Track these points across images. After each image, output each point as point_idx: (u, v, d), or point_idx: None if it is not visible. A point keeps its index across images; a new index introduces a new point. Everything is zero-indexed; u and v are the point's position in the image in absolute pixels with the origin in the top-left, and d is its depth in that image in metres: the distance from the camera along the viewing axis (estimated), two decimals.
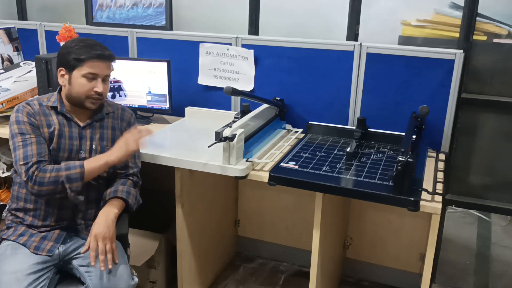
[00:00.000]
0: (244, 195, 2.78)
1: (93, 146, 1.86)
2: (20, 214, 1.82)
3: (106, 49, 1.81)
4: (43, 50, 3.03)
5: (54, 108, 1.83)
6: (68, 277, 1.80)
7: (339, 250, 2.49)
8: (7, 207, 1.89)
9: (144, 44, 2.77)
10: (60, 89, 1.87)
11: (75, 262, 1.77)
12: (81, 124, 1.85)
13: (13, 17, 3.36)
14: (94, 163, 1.76)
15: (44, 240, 1.77)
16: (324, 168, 1.94)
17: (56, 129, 1.80)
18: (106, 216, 1.75)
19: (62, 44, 1.81)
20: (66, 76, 1.80)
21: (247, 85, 2.57)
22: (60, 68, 1.81)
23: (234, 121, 2.15)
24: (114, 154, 1.78)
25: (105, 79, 1.82)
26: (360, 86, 2.35)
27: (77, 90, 1.78)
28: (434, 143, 2.26)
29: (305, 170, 1.93)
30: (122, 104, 2.09)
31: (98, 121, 1.89)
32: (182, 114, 2.68)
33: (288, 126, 2.50)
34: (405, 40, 2.65)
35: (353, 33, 2.41)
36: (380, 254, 2.56)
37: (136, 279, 1.78)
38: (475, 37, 2.14)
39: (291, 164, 1.98)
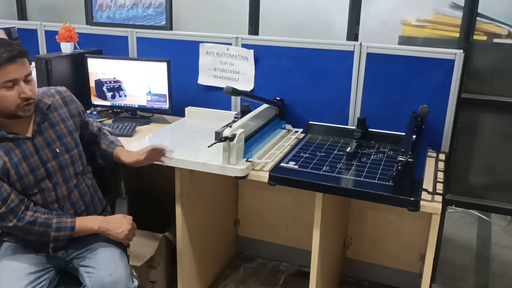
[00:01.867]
0: (244, 195, 2.78)
1: (57, 150, 1.71)
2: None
3: (13, 46, 1.54)
4: (43, 50, 3.03)
5: None
6: (67, 278, 1.79)
7: (339, 250, 2.49)
8: None
9: (144, 44, 2.77)
10: None
11: (76, 262, 1.76)
12: (29, 135, 1.65)
13: (13, 17, 3.36)
14: (85, 227, 1.72)
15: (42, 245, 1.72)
16: (324, 168, 1.94)
17: (7, 161, 1.59)
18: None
19: None
20: None
21: (247, 85, 2.57)
22: None
23: (234, 121, 2.15)
24: (109, 225, 1.76)
25: (27, 79, 1.58)
26: (360, 86, 2.35)
27: (2, 105, 1.56)
28: (434, 143, 2.26)
29: (305, 170, 1.93)
30: (56, 88, 1.84)
31: (44, 121, 1.70)
32: (182, 114, 2.68)
33: (288, 126, 2.49)
34: (405, 40, 2.66)
35: (353, 33, 2.41)
36: (380, 254, 2.56)
37: (136, 282, 1.77)
38: (475, 37, 2.14)
39: (291, 164, 1.98)
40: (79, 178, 1.79)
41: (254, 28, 2.62)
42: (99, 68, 2.59)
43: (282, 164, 1.99)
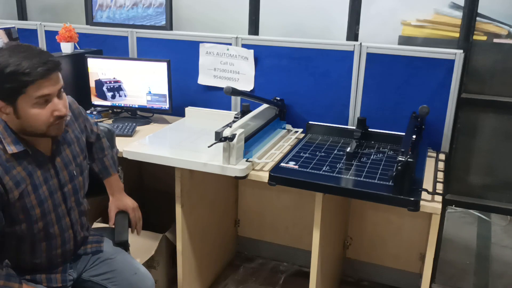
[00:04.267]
0: (244, 195, 2.78)
1: (74, 172, 1.56)
2: None
3: (47, 57, 1.36)
4: None
5: (21, 154, 1.41)
6: None
7: (339, 250, 2.49)
8: None
9: (144, 44, 2.77)
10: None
11: (86, 275, 1.68)
12: (49, 154, 1.49)
13: (13, 17, 3.36)
14: None
15: (51, 274, 1.57)
16: (324, 168, 1.94)
17: (29, 184, 1.42)
18: (121, 192, 1.84)
19: None
20: (9, 109, 1.35)
21: (247, 85, 2.57)
22: None
23: (234, 121, 2.15)
24: None
25: (60, 94, 1.41)
26: (360, 86, 2.35)
27: (32, 124, 1.37)
28: (434, 143, 2.26)
29: (305, 170, 1.93)
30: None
31: (62, 139, 1.54)
32: (182, 114, 2.68)
33: (288, 126, 2.49)
34: (405, 40, 2.65)
35: (353, 33, 2.41)
36: (380, 254, 2.56)
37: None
38: (475, 37, 2.14)
39: (291, 164, 1.98)
40: (85, 201, 1.68)
41: (254, 28, 2.62)
42: (99, 68, 2.59)
43: (282, 164, 1.99)
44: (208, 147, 1.89)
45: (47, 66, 1.34)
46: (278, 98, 2.47)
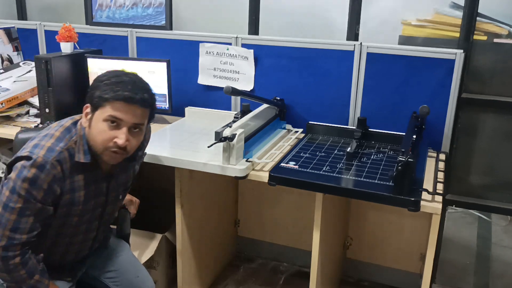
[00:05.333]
0: (244, 195, 2.78)
1: (120, 196, 1.65)
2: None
3: (142, 92, 1.42)
4: (43, 50, 3.02)
5: (86, 164, 1.45)
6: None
7: (339, 250, 2.49)
8: None
9: (144, 44, 2.76)
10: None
11: (96, 270, 1.71)
12: (108, 173, 1.55)
13: (13, 17, 3.36)
14: None
15: (61, 273, 1.60)
16: (324, 168, 1.94)
17: (82, 195, 1.47)
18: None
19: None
20: (89, 116, 1.44)
21: (247, 85, 2.57)
22: (87, 104, 1.45)
23: (234, 121, 2.14)
24: None
25: (133, 129, 1.43)
26: (360, 86, 2.35)
27: (94, 137, 1.42)
28: (434, 143, 2.26)
29: (305, 170, 1.93)
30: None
31: (125, 166, 1.60)
32: (182, 114, 2.68)
33: (288, 126, 2.49)
34: (405, 40, 2.65)
35: (353, 33, 2.41)
36: (380, 254, 2.56)
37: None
38: (475, 37, 2.14)
39: (291, 164, 1.98)
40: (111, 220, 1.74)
41: (254, 28, 2.62)
42: (99, 68, 2.58)
43: (282, 164, 1.98)
44: (208, 147, 1.89)
45: (134, 95, 1.39)
46: (278, 98, 2.46)
